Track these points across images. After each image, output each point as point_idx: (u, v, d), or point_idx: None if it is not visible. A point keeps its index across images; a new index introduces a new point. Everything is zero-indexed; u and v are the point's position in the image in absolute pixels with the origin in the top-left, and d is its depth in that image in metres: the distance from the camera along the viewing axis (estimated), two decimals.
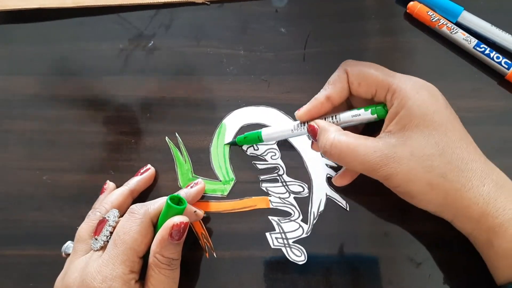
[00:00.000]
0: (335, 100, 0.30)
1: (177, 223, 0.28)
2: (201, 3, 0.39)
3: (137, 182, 0.33)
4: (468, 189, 0.26)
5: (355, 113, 0.29)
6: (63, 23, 0.40)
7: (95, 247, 0.28)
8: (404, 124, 0.27)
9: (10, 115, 0.37)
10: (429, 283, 0.31)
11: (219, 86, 0.37)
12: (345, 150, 0.28)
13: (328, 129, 0.29)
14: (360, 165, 0.28)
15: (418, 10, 0.37)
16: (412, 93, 0.27)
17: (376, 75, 0.28)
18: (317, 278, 0.31)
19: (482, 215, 0.26)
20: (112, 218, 0.29)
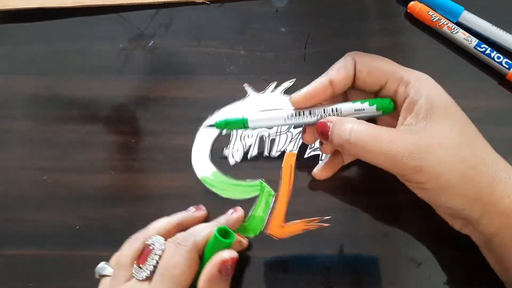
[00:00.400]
0: (338, 86, 0.27)
1: (226, 259, 0.26)
2: (201, 3, 0.39)
3: (186, 217, 0.31)
4: (498, 181, 0.25)
5: (358, 107, 0.27)
6: (63, 23, 0.40)
7: (140, 276, 0.27)
8: (425, 114, 0.25)
9: (10, 115, 0.37)
10: (429, 283, 0.31)
11: (219, 86, 0.37)
12: (367, 138, 0.25)
13: (345, 119, 0.26)
14: (383, 156, 0.25)
15: (419, 10, 0.37)
16: (428, 84, 0.26)
17: (388, 65, 0.27)
18: (317, 278, 0.31)
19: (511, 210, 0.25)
20: (157, 247, 0.27)
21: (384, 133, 0.25)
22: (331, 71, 0.28)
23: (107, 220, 0.34)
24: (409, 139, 0.25)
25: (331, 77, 0.27)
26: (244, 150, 0.35)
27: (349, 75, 0.28)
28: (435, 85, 0.26)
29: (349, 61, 0.28)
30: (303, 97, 0.28)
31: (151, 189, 0.34)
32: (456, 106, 0.26)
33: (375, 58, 0.28)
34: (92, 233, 0.33)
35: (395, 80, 0.27)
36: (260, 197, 0.33)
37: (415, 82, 0.26)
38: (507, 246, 0.26)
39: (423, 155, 0.24)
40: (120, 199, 0.34)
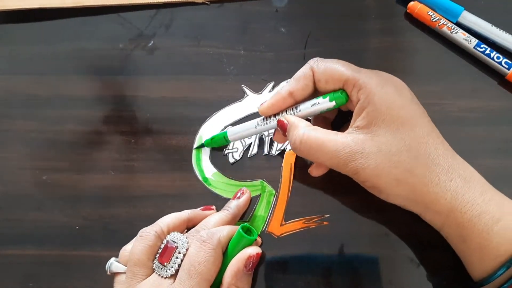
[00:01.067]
0: (297, 96, 0.30)
1: (252, 254, 0.28)
2: (201, 3, 0.39)
3: (196, 214, 0.32)
4: (435, 184, 0.26)
5: (314, 102, 0.29)
6: (63, 23, 0.40)
7: (165, 274, 0.27)
8: (371, 119, 0.27)
9: (10, 115, 0.37)
10: (429, 284, 0.31)
11: (219, 86, 0.37)
12: (315, 146, 0.28)
13: (298, 124, 0.29)
14: (329, 161, 0.28)
15: (419, 10, 0.37)
16: (378, 88, 0.27)
17: (342, 71, 0.28)
18: (317, 278, 0.31)
19: (450, 211, 0.26)
20: (181, 245, 0.28)
21: (331, 140, 0.28)
22: (292, 81, 0.30)
23: (107, 220, 0.34)
24: (351, 146, 0.27)
25: (291, 89, 0.30)
26: (243, 149, 0.35)
27: (308, 85, 0.30)
28: (386, 88, 0.27)
29: (307, 71, 0.29)
30: (267, 107, 0.31)
31: (151, 189, 0.34)
32: (406, 109, 0.27)
33: (331, 63, 0.29)
34: (92, 233, 0.33)
35: (349, 85, 0.28)
36: (262, 197, 0.33)
37: (366, 87, 0.27)
38: (452, 242, 0.28)
39: (360, 160, 0.27)
40: (120, 199, 0.34)
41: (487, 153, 0.33)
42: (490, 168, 0.28)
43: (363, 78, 0.27)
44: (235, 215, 0.32)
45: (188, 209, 0.32)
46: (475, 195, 0.26)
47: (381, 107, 0.27)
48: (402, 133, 0.27)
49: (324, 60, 0.30)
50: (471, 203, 0.26)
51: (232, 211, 0.32)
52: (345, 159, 0.27)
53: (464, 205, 0.26)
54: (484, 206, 0.26)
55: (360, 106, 0.27)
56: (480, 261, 0.26)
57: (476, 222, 0.26)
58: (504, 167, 0.28)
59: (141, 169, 0.35)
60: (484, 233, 0.25)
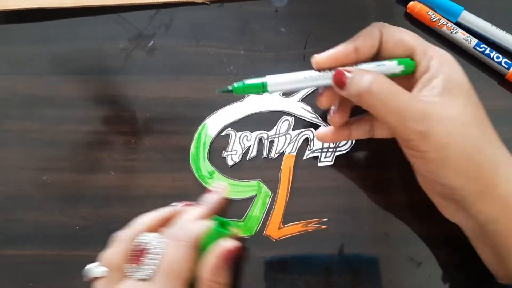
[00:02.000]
0: (362, 54, 0.27)
1: (229, 248, 0.27)
2: (201, 3, 0.39)
3: (173, 211, 0.31)
4: (502, 165, 0.25)
5: (379, 63, 0.27)
6: (63, 23, 0.40)
7: (140, 276, 0.26)
8: (445, 87, 0.26)
9: (10, 115, 0.37)
10: (429, 283, 0.31)
11: (219, 86, 0.37)
12: (386, 92, 0.25)
13: (366, 71, 0.26)
14: (396, 114, 0.25)
15: (418, 10, 0.37)
16: (451, 62, 0.27)
17: (414, 37, 0.28)
18: (317, 278, 0.31)
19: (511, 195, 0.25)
20: (155, 246, 0.27)
21: (402, 93, 0.25)
22: (357, 38, 0.28)
23: (107, 220, 0.34)
24: (424, 105, 0.25)
25: (357, 44, 0.27)
26: (242, 151, 0.35)
27: (375, 45, 0.28)
28: (456, 65, 0.27)
29: (375, 31, 0.28)
30: (326, 57, 0.28)
31: (151, 189, 0.34)
32: (472, 89, 0.27)
33: (402, 30, 0.28)
34: (92, 233, 0.33)
35: (420, 53, 0.27)
36: (257, 197, 0.33)
37: (438, 58, 0.26)
38: (502, 234, 0.25)
39: (433, 123, 0.25)
40: (120, 199, 0.34)
41: None
42: None
43: (434, 49, 0.27)
44: (212, 210, 0.31)
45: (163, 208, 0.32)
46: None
47: (456, 79, 0.26)
48: (473, 109, 0.26)
49: (391, 25, 0.28)
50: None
51: (210, 205, 0.31)
52: (416, 115, 0.25)
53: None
54: None
55: (432, 74, 0.26)
56: None
57: None
58: None
59: (141, 169, 0.35)
60: None
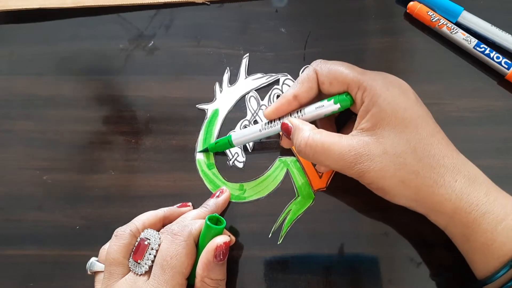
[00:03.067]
0: (302, 99, 0.30)
1: (220, 244, 0.27)
2: (201, 3, 0.39)
3: (171, 211, 0.32)
4: (440, 185, 0.26)
5: (318, 105, 0.29)
6: (63, 23, 0.40)
7: (139, 271, 0.27)
8: (375, 122, 0.27)
9: (10, 115, 0.37)
10: (429, 283, 0.31)
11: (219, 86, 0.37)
12: (320, 149, 0.28)
13: (302, 127, 0.29)
14: (334, 164, 0.28)
15: (418, 10, 0.37)
16: (383, 90, 0.27)
17: (347, 73, 0.28)
18: (317, 278, 0.31)
19: (455, 211, 0.26)
20: (153, 241, 0.28)
21: (335, 143, 0.28)
22: (296, 84, 0.30)
23: (107, 220, 0.34)
24: (357, 149, 0.27)
25: (295, 92, 0.30)
26: (242, 149, 0.35)
27: (312, 88, 0.30)
28: (391, 89, 0.27)
29: (311, 74, 0.30)
30: (272, 111, 0.31)
31: (151, 189, 0.34)
32: (411, 111, 0.27)
33: (335, 66, 0.29)
34: (92, 233, 0.33)
35: (354, 88, 0.28)
36: (291, 169, 0.34)
37: (371, 90, 0.27)
38: (456, 241, 0.28)
39: (366, 163, 0.27)
40: (120, 199, 0.34)
41: (487, 153, 0.33)
42: (490, 168, 0.28)
43: (367, 80, 0.28)
44: (213, 212, 0.32)
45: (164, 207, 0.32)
46: (479, 195, 0.26)
47: (386, 109, 0.27)
48: (407, 135, 0.27)
49: (327, 62, 0.30)
50: (476, 203, 0.26)
51: (210, 208, 0.32)
52: (350, 162, 0.27)
53: (469, 205, 0.26)
54: (488, 206, 0.26)
55: (364, 108, 0.28)
56: (484, 260, 0.26)
57: (480, 221, 0.26)
58: (504, 167, 0.28)
59: (141, 169, 0.35)
60: (488, 233, 0.26)
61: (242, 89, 0.36)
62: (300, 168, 0.34)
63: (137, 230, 0.29)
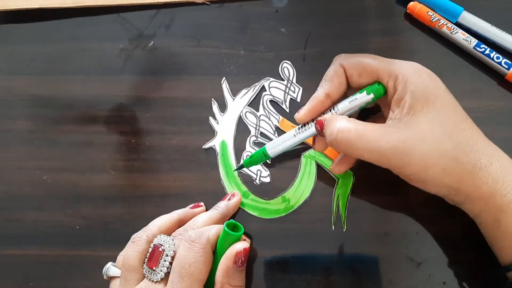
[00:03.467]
0: (334, 96, 0.29)
1: (240, 250, 0.27)
2: (201, 3, 0.39)
3: (186, 213, 0.32)
4: (478, 169, 0.26)
5: (351, 98, 0.29)
6: (63, 23, 0.40)
7: (155, 278, 0.27)
8: (410, 109, 0.26)
9: (10, 115, 0.37)
10: (429, 283, 0.31)
11: (219, 86, 0.37)
12: (354, 137, 0.26)
13: (335, 117, 0.28)
14: (369, 154, 0.27)
15: (418, 10, 0.37)
16: (414, 77, 0.27)
17: (375, 63, 0.28)
18: (317, 278, 0.31)
19: (491, 195, 0.26)
20: (168, 247, 0.27)
21: (370, 131, 0.26)
22: (324, 82, 0.30)
23: (107, 220, 0.34)
24: (394, 136, 0.26)
25: (326, 91, 0.29)
26: (262, 165, 0.35)
27: (342, 83, 0.29)
28: (422, 77, 0.27)
29: (338, 69, 0.29)
30: (306, 113, 0.30)
31: (151, 189, 0.34)
32: (440, 97, 0.27)
33: (362, 58, 0.29)
34: (92, 233, 0.33)
35: (385, 75, 0.28)
36: (319, 159, 0.34)
37: (402, 76, 0.27)
38: (486, 228, 0.28)
39: (407, 151, 0.26)
40: (120, 199, 0.34)
41: None
42: None
43: (398, 68, 0.27)
44: (224, 215, 0.31)
45: (178, 209, 0.32)
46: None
47: (419, 96, 0.26)
48: (442, 121, 0.26)
49: (351, 55, 0.29)
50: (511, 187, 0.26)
51: (221, 210, 0.31)
52: (387, 152, 0.26)
53: (505, 188, 0.26)
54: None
55: (398, 96, 0.27)
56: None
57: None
58: None
59: (141, 169, 0.35)
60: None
61: (235, 111, 0.36)
62: (324, 155, 0.34)
63: (153, 236, 0.29)
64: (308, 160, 0.34)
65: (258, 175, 0.34)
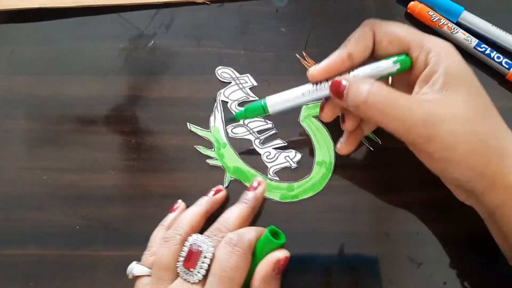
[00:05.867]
0: (356, 58, 0.27)
1: (281, 258, 0.27)
2: (201, 3, 0.39)
3: (210, 203, 0.31)
4: (506, 156, 0.25)
5: (374, 65, 0.26)
6: (63, 23, 0.40)
7: (192, 280, 0.26)
8: (442, 85, 0.25)
9: (10, 115, 0.37)
10: (430, 283, 0.31)
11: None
12: (385, 101, 0.25)
13: (362, 80, 0.26)
14: (398, 121, 0.25)
15: (419, 10, 0.37)
16: (448, 54, 0.26)
17: (408, 32, 0.27)
18: (317, 278, 0.31)
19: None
20: (206, 249, 0.27)
21: (402, 98, 0.25)
22: (349, 42, 0.27)
23: (107, 220, 0.34)
24: (425, 107, 0.25)
25: (350, 50, 0.27)
26: (275, 149, 0.34)
27: (368, 46, 0.27)
28: (455, 55, 0.26)
29: (367, 32, 0.27)
30: (321, 70, 0.28)
31: (151, 189, 0.34)
32: (473, 78, 0.26)
33: (395, 25, 0.27)
34: (92, 233, 0.33)
35: (417, 48, 0.26)
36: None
37: (436, 51, 0.26)
38: (506, 221, 0.26)
39: (437, 125, 0.24)
40: (120, 199, 0.34)
41: None
42: None
43: (432, 41, 0.26)
44: (253, 207, 0.30)
45: (201, 198, 0.32)
46: None
47: (453, 72, 0.25)
48: (475, 102, 0.25)
49: (383, 21, 0.27)
50: None
51: (251, 203, 0.30)
52: (418, 121, 0.24)
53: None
54: None
55: (429, 71, 0.26)
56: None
57: None
58: None
59: (141, 169, 0.35)
60: None
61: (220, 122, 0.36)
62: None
63: (186, 234, 0.28)
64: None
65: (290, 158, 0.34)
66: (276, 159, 0.34)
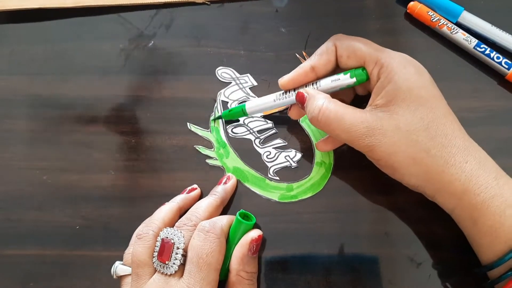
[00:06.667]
0: (319, 70, 0.30)
1: (254, 238, 0.29)
2: (201, 3, 0.39)
3: (184, 199, 0.32)
4: (451, 165, 0.26)
5: (334, 77, 0.30)
6: (63, 23, 0.40)
7: (168, 272, 0.27)
8: (390, 98, 0.27)
9: (10, 115, 0.37)
10: (429, 283, 0.31)
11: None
12: (333, 117, 0.28)
13: (317, 96, 0.29)
14: (345, 134, 0.28)
15: (419, 10, 0.37)
16: (400, 67, 0.27)
17: (365, 49, 0.29)
18: (317, 278, 0.31)
19: (464, 192, 0.26)
20: (177, 240, 0.28)
21: (348, 113, 0.28)
22: (314, 56, 0.30)
23: (107, 220, 0.34)
24: (369, 121, 0.27)
25: (313, 64, 0.30)
26: (275, 150, 0.35)
27: (330, 61, 0.30)
28: (408, 68, 0.28)
29: (330, 47, 0.30)
30: (288, 80, 0.31)
31: (151, 189, 0.34)
32: (426, 90, 0.27)
33: (356, 41, 0.29)
34: (92, 233, 0.33)
35: (371, 62, 0.28)
36: None
37: (388, 66, 0.27)
38: (460, 224, 0.28)
39: (377, 137, 0.27)
40: (120, 199, 0.34)
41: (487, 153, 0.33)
42: None
43: (385, 57, 0.28)
44: (223, 198, 0.32)
45: (176, 196, 0.33)
46: (489, 178, 0.26)
47: (401, 86, 0.27)
48: (421, 113, 0.27)
49: (347, 36, 0.30)
50: (485, 186, 0.26)
51: (220, 195, 0.32)
52: (361, 134, 0.27)
53: (478, 187, 0.26)
54: (497, 189, 0.26)
55: (380, 84, 0.28)
56: (490, 245, 0.26)
57: (489, 204, 0.26)
58: (504, 167, 0.28)
59: (141, 169, 0.35)
60: (497, 216, 0.25)
61: None
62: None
63: (158, 230, 0.29)
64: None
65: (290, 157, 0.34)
66: (276, 158, 0.34)
